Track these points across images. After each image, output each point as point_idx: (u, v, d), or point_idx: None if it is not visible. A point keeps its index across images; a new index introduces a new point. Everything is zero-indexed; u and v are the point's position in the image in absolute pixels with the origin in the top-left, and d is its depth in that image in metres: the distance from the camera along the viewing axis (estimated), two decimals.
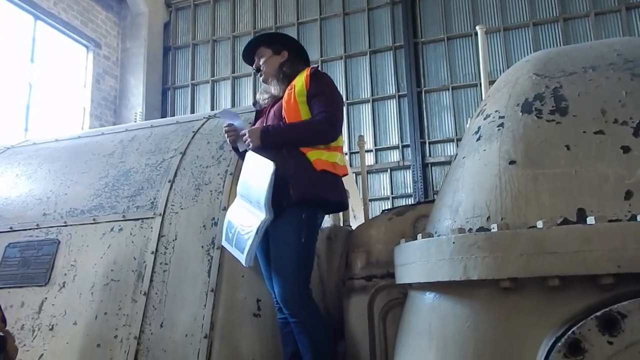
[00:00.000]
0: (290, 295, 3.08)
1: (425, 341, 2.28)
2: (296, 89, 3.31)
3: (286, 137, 3.24)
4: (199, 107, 16.97)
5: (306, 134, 3.26)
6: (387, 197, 14.25)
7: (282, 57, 3.56)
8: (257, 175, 3.08)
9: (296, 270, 3.10)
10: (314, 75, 3.36)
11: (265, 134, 3.24)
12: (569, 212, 2.10)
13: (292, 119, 3.28)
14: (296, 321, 3.07)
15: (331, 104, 3.34)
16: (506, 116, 2.53)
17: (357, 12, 15.85)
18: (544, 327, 1.96)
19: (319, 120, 3.26)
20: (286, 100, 3.33)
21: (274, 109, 3.43)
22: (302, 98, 3.30)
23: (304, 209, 3.16)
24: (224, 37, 17.27)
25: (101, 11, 16.57)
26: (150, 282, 3.41)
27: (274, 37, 3.77)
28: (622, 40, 2.95)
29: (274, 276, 3.14)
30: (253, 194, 3.08)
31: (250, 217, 3.06)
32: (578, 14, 13.74)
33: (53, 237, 3.85)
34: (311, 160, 3.19)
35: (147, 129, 4.48)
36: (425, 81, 14.71)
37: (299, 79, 3.36)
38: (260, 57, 3.59)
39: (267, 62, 3.55)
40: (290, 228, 3.12)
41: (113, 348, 3.30)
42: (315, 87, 3.32)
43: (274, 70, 3.53)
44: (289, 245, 3.11)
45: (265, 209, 2.97)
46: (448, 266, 2.16)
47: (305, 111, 3.30)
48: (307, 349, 3.02)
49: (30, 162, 4.55)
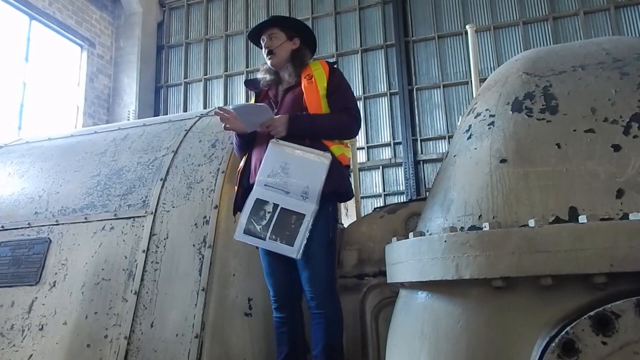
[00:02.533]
0: (322, 289, 3.05)
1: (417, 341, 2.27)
2: (319, 83, 3.29)
3: (314, 128, 3.19)
4: (192, 105, 17.01)
5: (334, 128, 3.24)
6: (379, 194, 14.29)
7: (294, 44, 3.48)
8: (303, 165, 3.05)
9: (327, 263, 3.10)
10: (334, 71, 3.37)
11: (295, 123, 3.17)
12: (561, 210, 2.11)
13: (314, 111, 3.23)
14: (320, 313, 3.04)
15: (353, 102, 3.37)
16: (497, 115, 2.53)
17: (348, 11, 15.92)
18: (537, 326, 1.96)
19: (347, 117, 3.26)
20: (308, 90, 3.28)
21: (290, 98, 3.34)
22: (323, 92, 3.27)
23: (330, 203, 3.15)
24: (216, 36, 17.32)
25: (95, 11, 16.63)
26: (141, 281, 3.40)
27: (291, 22, 3.63)
28: (611, 39, 2.96)
29: (304, 270, 3.08)
30: (294, 185, 3.02)
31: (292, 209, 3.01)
32: (567, 12, 13.84)
33: (44, 235, 3.83)
34: (336, 155, 3.17)
35: (139, 128, 4.46)
36: (417, 79, 14.77)
37: (319, 72, 3.34)
38: (274, 38, 3.47)
39: (281, 47, 3.45)
40: (320, 223, 3.06)
41: (103, 348, 3.29)
42: (336, 82, 3.32)
43: (286, 56, 3.45)
44: (321, 239, 3.07)
45: (317, 199, 2.97)
46: (440, 265, 2.15)
47: (325, 105, 3.27)
48: (321, 340, 3.00)
49: (22, 161, 4.53)
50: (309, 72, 3.35)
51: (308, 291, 3.08)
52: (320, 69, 3.35)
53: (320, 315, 3.03)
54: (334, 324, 3.05)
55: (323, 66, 3.38)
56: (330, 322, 3.03)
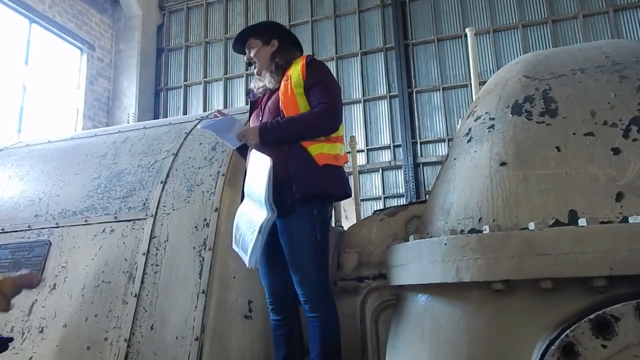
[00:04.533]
0: (315, 292, 3.03)
1: (417, 343, 2.28)
2: (293, 81, 3.21)
3: (286, 133, 3.14)
4: (192, 108, 17.00)
5: (306, 128, 3.16)
6: (379, 197, 14.27)
7: (272, 46, 3.42)
8: (257, 173, 2.99)
9: (316, 266, 3.06)
10: (310, 64, 3.27)
11: (264, 131, 3.15)
12: (561, 213, 2.11)
13: (290, 113, 3.18)
14: (314, 316, 3.02)
15: (330, 94, 3.23)
16: (496, 118, 2.54)
17: (348, 14, 15.93)
18: (537, 329, 1.96)
19: (318, 112, 3.15)
20: (283, 92, 3.23)
21: (270, 104, 3.32)
22: (299, 89, 3.20)
23: (314, 205, 3.10)
24: (216, 39, 17.33)
25: (95, 14, 16.66)
26: (141, 283, 3.39)
27: (262, 27, 3.59)
28: (610, 42, 2.97)
29: (294, 274, 3.07)
30: (255, 193, 2.99)
31: (254, 217, 2.98)
32: (566, 15, 13.82)
33: (44, 238, 3.83)
34: (313, 155, 3.11)
35: (139, 130, 4.46)
36: (416, 82, 14.77)
37: (295, 69, 3.27)
38: (251, 48, 3.46)
39: (259, 54, 3.43)
40: (304, 226, 3.06)
41: (103, 350, 3.28)
42: (313, 76, 3.22)
43: (266, 61, 3.41)
44: (306, 243, 3.05)
45: (266, 206, 2.87)
46: (440, 268, 2.16)
47: (303, 103, 3.20)
48: (318, 344, 2.98)
49: (22, 164, 4.53)
50: (287, 73, 3.29)
51: (301, 295, 3.07)
52: (297, 67, 3.27)
53: (315, 319, 3.02)
54: (330, 326, 3.03)
55: (301, 62, 3.29)
56: (325, 325, 3.01)
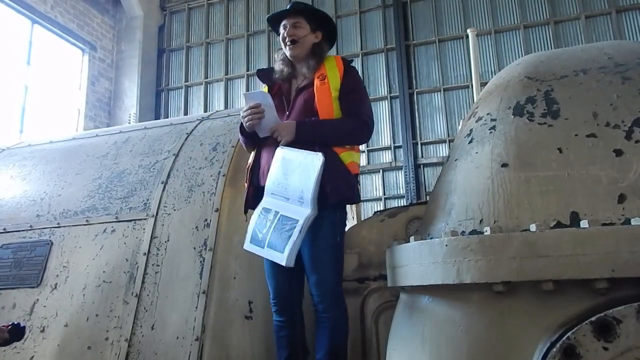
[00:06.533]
0: (329, 293, 3.03)
1: (418, 345, 2.27)
2: (332, 84, 3.15)
3: (323, 135, 3.09)
4: (193, 109, 17.01)
5: (345, 135, 3.12)
6: (380, 198, 14.28)
7: (316, 37, 3.34)
8: (298, 169, 2.93)
9: (335, 268, 3.06)
10: (349, 70, 3.23)
11: (302, 130, 3.08)
12: (562, 215, 2.10)
13: (324, 115, 3.12)
14: (326, 317, 3.02)
15: (365, 104, 3.23)
16: (498, 119, 2.53)
17: (349, 14, 15.94)
18: (538, 331, 1.95)
19: (359, 123, 3.14)
20: (319, 91, 3.15)
21: (302, 100, 3.23)
22: (336, 93, 3.14)
23: (338, 209, 3.11)
24: (217, 40, 17.35)
25: (97, 15, 16.72)
26: (142, 283, 3.40)
27: (318, 15, 3.45)
28: (613, 43, 2.96)
29: (312, 274, 3.05)
30: (292, 190, 2.93)
31: (290, 215, 2.92)
32: (568, 16, 13.82)
33: (46, 238, 3.83)
34: (346, 163, 3.09)
35: (140, 131, 4.46)
36: (417, 83, 14.77)
37: (332, 71, 3.20)
38: (299, 27, 3.30)
39: (305, 38, 3.30)
40: (328, 228, 3.04)
41: (104, 350, 3.28)
42: (350, 83, 3.19)
43: (306, 50, 3.30)
44: (327, 245, 3.04)
45: (311, 204, 2.85)
46: (441, 269, 2.15)
47: (337, 107, 3.15)
48: (326, 344, 2.98)
49: (24, 164, 4.54)
50: (322, 71, 3.21)
51: (315, 295, 3.06)
52: (335, 68, 3.21)
53: (326, 320, 3.02)
54: (339, 328, 3.03)
55: (338, 64, 3.24)
56: (335, 327, 3.01)
